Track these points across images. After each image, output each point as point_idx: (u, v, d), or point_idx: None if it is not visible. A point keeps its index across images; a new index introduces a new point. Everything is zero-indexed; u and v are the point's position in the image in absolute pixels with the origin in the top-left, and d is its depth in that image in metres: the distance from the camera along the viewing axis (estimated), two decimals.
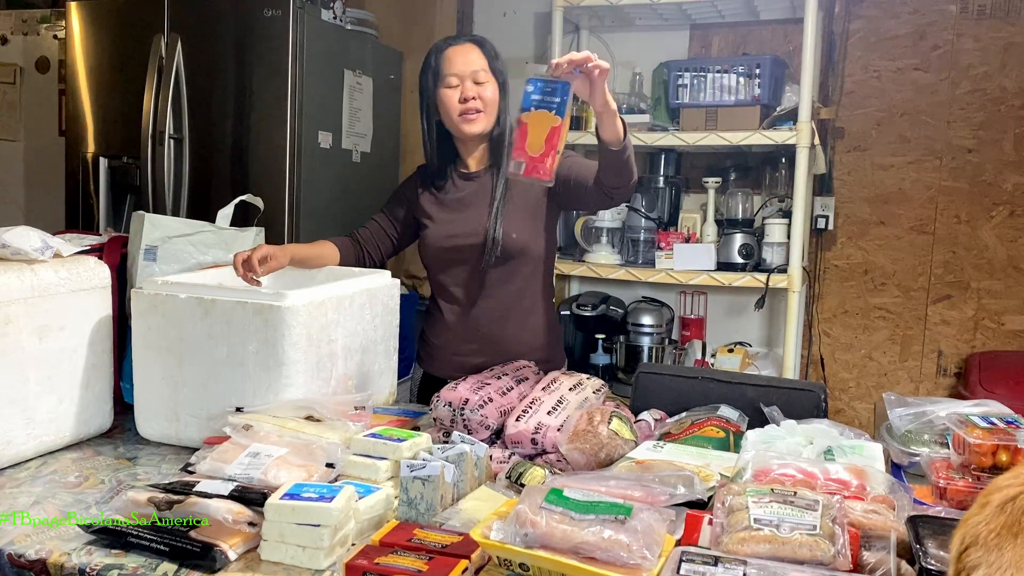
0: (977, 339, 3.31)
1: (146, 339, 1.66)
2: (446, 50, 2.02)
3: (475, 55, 2.01)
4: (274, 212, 2.93)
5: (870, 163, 3.38)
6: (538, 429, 1.56)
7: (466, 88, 1.99)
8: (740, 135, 2.98)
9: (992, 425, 1.40)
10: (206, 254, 1.99)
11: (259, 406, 1.54)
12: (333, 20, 3.18)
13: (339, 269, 2.02)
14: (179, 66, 3.10)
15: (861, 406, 3.49)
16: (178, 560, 1.19)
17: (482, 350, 2.03)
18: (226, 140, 3.09)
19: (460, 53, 2.01)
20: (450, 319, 2.10)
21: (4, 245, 1.60)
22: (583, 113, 3.24)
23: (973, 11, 3.23)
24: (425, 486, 1.29)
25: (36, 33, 3.99)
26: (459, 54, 2.01)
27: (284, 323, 1.54)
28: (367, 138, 3.42)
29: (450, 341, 2.10)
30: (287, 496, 1.21)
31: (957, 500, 1.36)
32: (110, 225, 3.24)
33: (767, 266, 3.06)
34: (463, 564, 1.11)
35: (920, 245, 3.36)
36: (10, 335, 1.54)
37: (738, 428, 1.62)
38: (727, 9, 3.29)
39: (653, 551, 1.06)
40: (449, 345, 2.11)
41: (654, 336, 3.27)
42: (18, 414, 1.56)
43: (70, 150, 3.37)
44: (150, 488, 1.30)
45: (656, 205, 3.33)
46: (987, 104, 3.23)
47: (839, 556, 1.07)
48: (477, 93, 1.99)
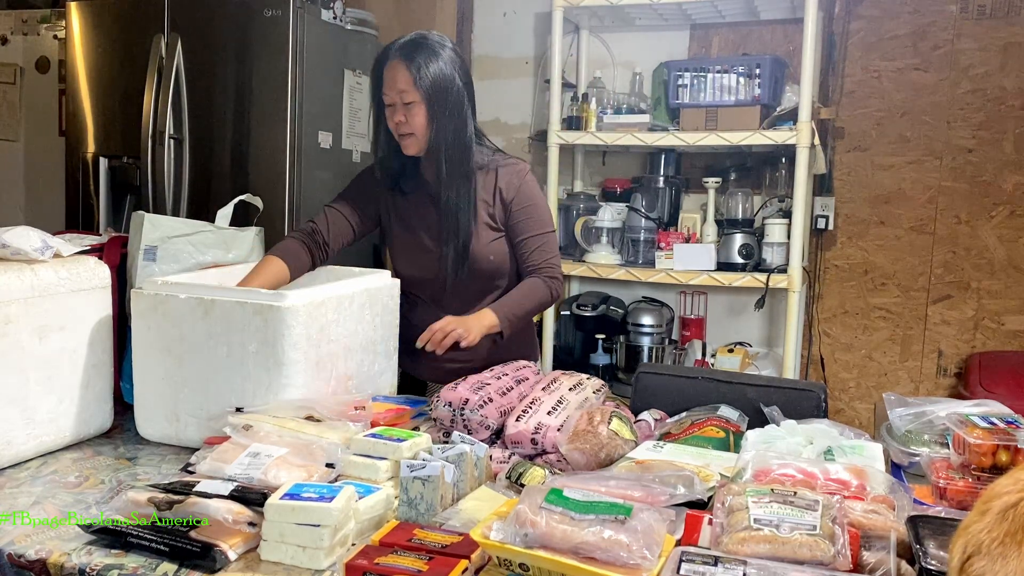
0: (977, 339, 3.31)
1: (146, 339, 1.66)
2: (383, 66, 1.93)
3: (401, 75, 1.89)
4: (274, 212, 2.93)
5: (870, 163, 3.38)
6: (538, 429, 1.56)
7: (396, 112, 1.92)
8: (740, 135, 2.98)
9: (992, 425, 1.40)
10: (206, 254, 1.99)
11: (259, 406, 1.54)
12: (333, 20, 3.18)
13: (339, 269, 2.01)
14: (179, 66, 3.10)
15: (861, 406, 3.49)
16: (178, 560, 1.19)
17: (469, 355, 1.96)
18: (226, 140, 3.09)
19: (389, 71, 1.92)
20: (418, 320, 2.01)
21: (4, 245, 1.60)
22: (584, 113, 3.24)
23: (973, 11, 3.23)
24: (425, 486, 1.29)
25: (36, 33, 3.99)
26: (389, 72, 1.92)
27: (284, 323, 1.54)
28: (367, 138, 3.42)
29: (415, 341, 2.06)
30: (287, 496, 1.21)
31: (957, 500, 1.36)
32: (110, 225, 3.24)
33: (767, 266, 3.06)
34: (463, 564, 1.11)
35: (920, 245, 3.36)
36: (10, 335, 1.54)
37: (738, 428, 1.62)
38: (727, 9, 3.29)
39: (653, 551, 1.06)
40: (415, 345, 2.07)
41: (654, 336, 3.27)
42: (18, 414, 1.56)
43: (70, 150, 3.37)
44: (150, 488, 1.30)
45: (656, 205, 3.33)
46: (987, 104, 3.23)
47: (839, 556, 1.07)
48: (405, 116, 1.91)
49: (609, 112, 3.27)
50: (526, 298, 2.00)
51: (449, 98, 1.92)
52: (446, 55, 1.92)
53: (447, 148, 1.94)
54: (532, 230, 2.02)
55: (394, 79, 1.90)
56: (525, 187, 2.02)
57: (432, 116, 1.91)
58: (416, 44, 1.92)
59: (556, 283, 2.03)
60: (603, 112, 3.26)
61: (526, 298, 2.00)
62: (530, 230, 2.02)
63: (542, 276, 2.01)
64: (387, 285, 1.90)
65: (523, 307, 1.99)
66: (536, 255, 2.02)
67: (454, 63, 1.94)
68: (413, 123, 1.91)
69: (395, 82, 1.90)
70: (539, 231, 2.03)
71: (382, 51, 1.96)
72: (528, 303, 2.00)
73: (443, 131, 1.93)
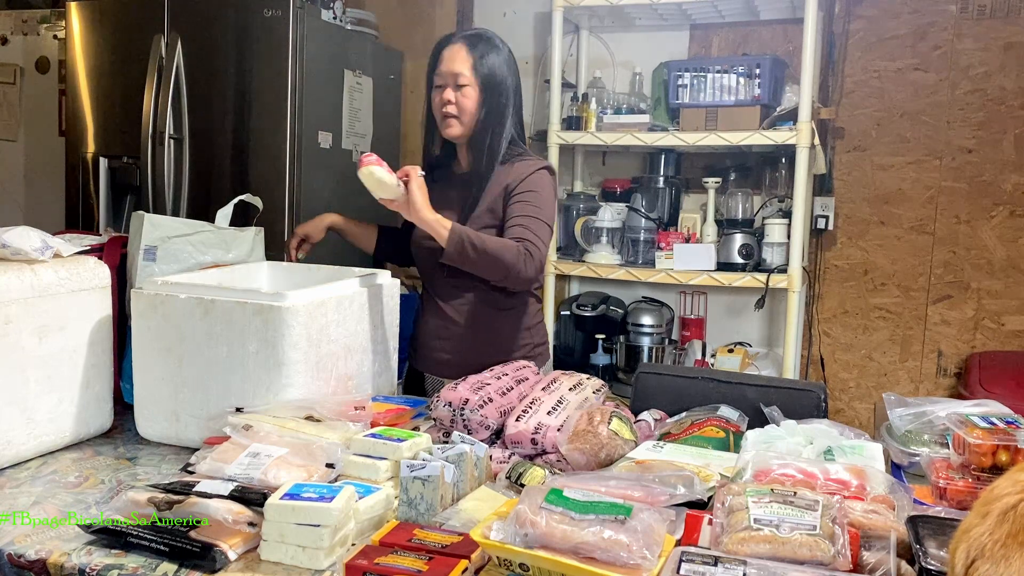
0: (977, 339, 3.31)
1: (146, 339, 1.66)
2: (442, 48, 2.02)
3: (460, 56, 1.98)
4: (274, 212, 2.93)
5: (870, 163, 3.38)
6: (538, 429, 1.56)
7: (446, 92, 1.98)
8: (740, 135, 2.98)
9: (992, 425, 1.40)
10: (205, 254, 1.99)
11: (259, 406, 1.54)
12: (333, 20, 3.18)
13: (339, 269, 2.01)
14: (179, 66, 3.10)
15: (861, 406, 3.49)
16: (178, 560, 1.19)
17: (458, 347, 2.05)
18: (226, 140, 3.09)
19: (449, 52, 2.00)
20: (430, 313, 2.12)
21: (4, 245, 1.60)
22: (584, 113, 3.24)
23: (973, 11, 3.23)
24: (425, 486, 1.29)
25: (36, 33, 3.99)
26: (448, 53, 2.00)
27: (284, 323, 1.54)
28: (367, 138, 3.42)
29: (428, 336, 2.12)
30: (287, 496, 1.21)
31: (957, 500, 1.36)
32: (110, 225, 3.24)
33: (767, 266, 3.06)
34: (463, 564, 1.11)
35: (920, 245, 3.36)
36: (10, 335, 1.54)
37: (738, 428, 1.62)
38: (727, 9, 3.29)
39: (653, 551, 1.06)
40: (427, 341, 2.13)
41: (654, 336, 3.28)
42: (18, 414, 1.56)
43: (70, 150, 3.37)
44: (150, 488, 1.30)
45: (656, 205, 3.33)
46: (987, 104, 3.23)
47: (839, 556, 1.07)
48: (455, 98, 1.98)
49: (609, 112, 3.27)
50: (490, 240, 1.86)
51: (501, 92, 2.00)
52: (505, 53, 2.03)
53: (490, 139, 2.00)
54: (523, 212, 1.94)
55: (452, 59, 1.98)
56: (533, 177, 2.00)
57: (482, 103, 1.99)
58: (480, 35, 2.02)
59: (529, 258, 1.88)
60: (603, 112, 3.26)
61: (490, 240, 1.86)
62: (521, 212, 1.94)
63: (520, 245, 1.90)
64: (387, 285, 1.90)
65: (481, 243, 1.83)
66: (517, 231, 1.91)
67: (510, 65, 2.03)
68: (462, 105, 1.98)
69: (452, 62, 1.97)
70: (531, 215, 1.94)
71: (442, 38, 2.04)
72: (490, 244, 1.84)
73: (489, 121, 2.00)
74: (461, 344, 2.06)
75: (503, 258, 1.85)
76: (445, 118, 2.00)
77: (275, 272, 2.00)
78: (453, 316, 2.08)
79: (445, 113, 2.00)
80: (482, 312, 2.07)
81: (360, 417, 1.54)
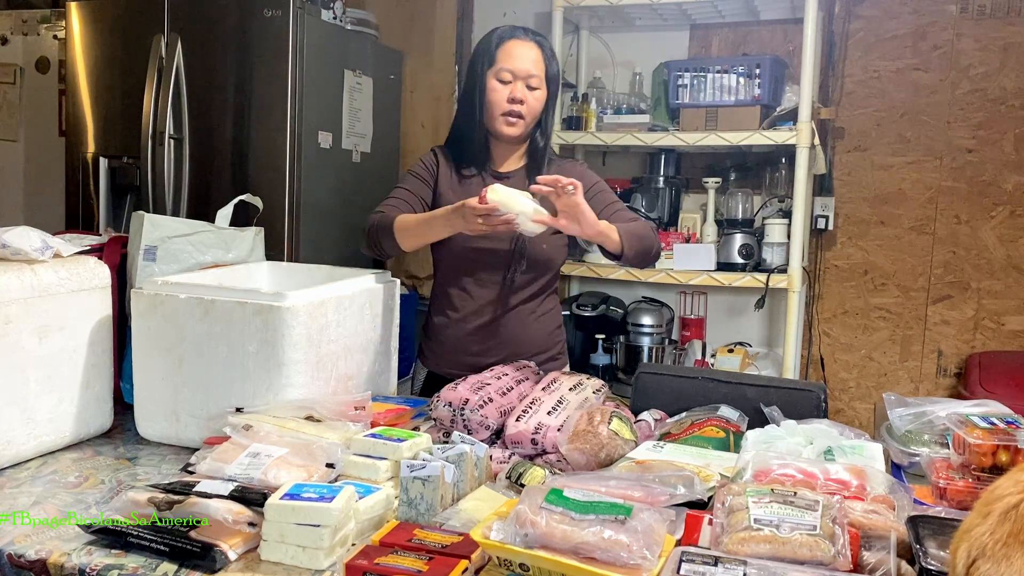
0: (977, 339, 3.31)
1: (146, 339, 1.66)
2: (509, 40, 1.96)
3: (535, 57, 1.95)
4: (274, 212, 2.93)
5: (870, 163, 3.38)
6: (538, 429, 1.56)
7: (516, 89, 1.93)
8: (740, 135, 2.98)
9: (992, 425, 1.39)
10: (205, 254, 1.99)
11: (259, 406, 1.54)
12: (333, 20, 3.18)
13: (339, 269, 2.01)
14: (179, 66, 3.10)
15: (861, 406, 3.49)
16: (178, 560, 1.19)
17: (496, 350, 2.02)
18: (226, 140, 3.09)
19: (522, 49, 1.95)
20: (465, 318, 2.05)
21: (4, 245, 1.60)
22: (584, 113, 3.24)
23: (973, 11, 3.23)
24: (425, 486, 1.29)
25: (36, 33, 3.99)
26: (520, 50, 1.95)
27: (284, 323, 1.54)
28: (367, 138, 3.42)
29: (462, 340, 2.06)
30: (287, 496, 1.21)
31: (957, 500, 1.35)
32: (110, 225, 3.24)
33: (767, 266, 3.07)
34: (463, 564, 1.11)
35: (920, 245, 3.36)
36: (10, 335, 1.54)
37: (738, 428, 1.62)
38: (727, 9, 3.29)
39: (653, 551, 1.06)
40: (462, 344, 2.06)
41: (654, 336, 3.28)
42: (18, 414, 1.56)
43: (70, 150, 3.37)
44: (150, 488, 1.30)
45: (656, 205, 3.33)
46: (987, 104, 3.24)
47: (839, 556, 1.07)
48: (525, 98, 1.93)
49: (609, 112, 3.27)
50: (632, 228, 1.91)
51: (555, 96, 2.01)
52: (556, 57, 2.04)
53: (544, 140, 2.02)
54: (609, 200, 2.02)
55: (524, 58, 1.94)
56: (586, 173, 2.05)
57: (547, 105, 1.99)
58: (544, 36, 2.02)
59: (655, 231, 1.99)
60: (603, 112, 3.26)
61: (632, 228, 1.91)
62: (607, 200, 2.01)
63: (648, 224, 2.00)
64: (387, 285, 1.90)
65: (635, 233, 1.90)
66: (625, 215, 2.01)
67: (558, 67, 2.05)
68: (531, 106, 1.96)
69: (525, 61, 1.94)
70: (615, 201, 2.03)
71: (502, 29, 2.01)
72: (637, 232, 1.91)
73: (546, 124, 2.01)
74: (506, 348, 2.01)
75: (652, 238, 1.95)
76: (510, 115, 1.94)
77: (275, 272, 2.00)
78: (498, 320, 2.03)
79: (513, 111, 1.94)
80: (527, 314, 2.05)
81: (360, 417, 1.54)
